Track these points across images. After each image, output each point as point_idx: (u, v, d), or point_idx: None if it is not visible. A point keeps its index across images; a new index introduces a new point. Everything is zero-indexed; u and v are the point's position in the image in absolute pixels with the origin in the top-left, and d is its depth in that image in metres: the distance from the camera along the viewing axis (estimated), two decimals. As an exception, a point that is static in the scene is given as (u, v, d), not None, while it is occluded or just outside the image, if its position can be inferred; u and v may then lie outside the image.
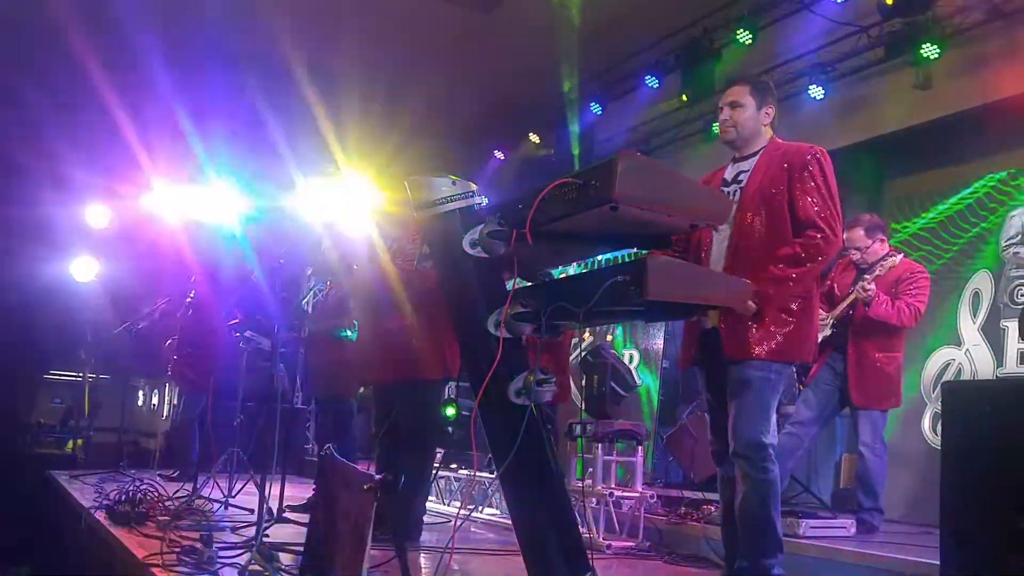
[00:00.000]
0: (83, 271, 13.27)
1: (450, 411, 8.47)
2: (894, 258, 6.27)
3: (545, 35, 10.55)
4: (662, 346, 9.55)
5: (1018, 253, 7.25)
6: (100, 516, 6.34)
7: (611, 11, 10.04)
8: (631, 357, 10.13)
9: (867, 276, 6.17)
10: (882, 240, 6.40)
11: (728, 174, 4.49)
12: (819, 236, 4.14)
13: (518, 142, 12.62)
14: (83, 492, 7.91)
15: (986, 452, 2.49)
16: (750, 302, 3.97)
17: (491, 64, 11.42)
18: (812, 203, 4.20)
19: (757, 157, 4.39)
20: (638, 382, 8.32)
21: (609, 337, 10.49)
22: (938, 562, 2.63)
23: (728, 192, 4.37)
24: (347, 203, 7.58)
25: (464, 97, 12.29)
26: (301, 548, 4.56)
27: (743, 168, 4.43)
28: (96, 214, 12.84)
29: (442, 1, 10.18)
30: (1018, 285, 7.17)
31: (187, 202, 10.89)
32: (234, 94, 11.29)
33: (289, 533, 5.41)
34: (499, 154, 12.96)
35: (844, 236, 6.30)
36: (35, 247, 14.02)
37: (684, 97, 10.07)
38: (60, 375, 16.62)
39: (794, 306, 4.17)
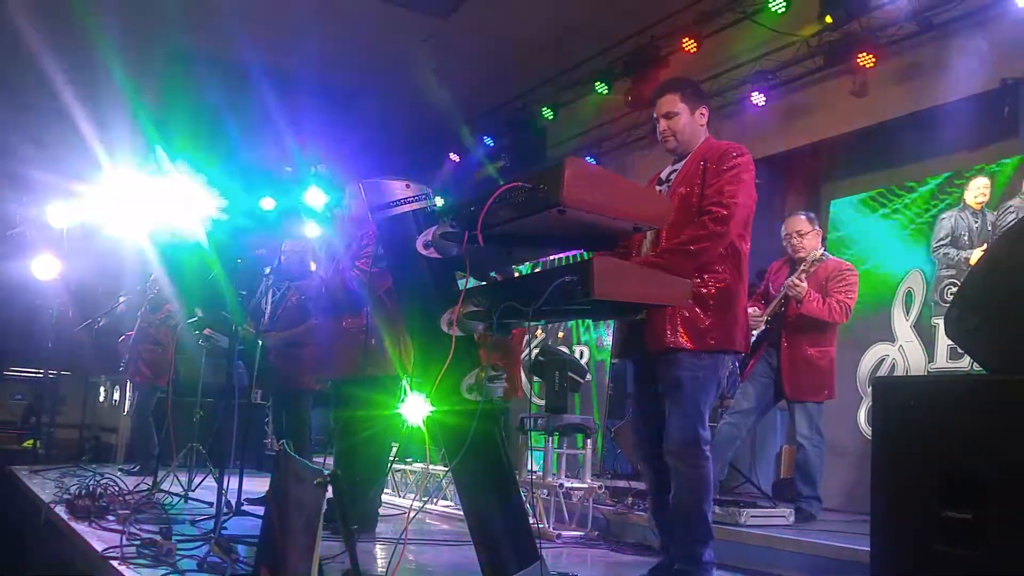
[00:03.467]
0: (44, 269, 13.09)
1: (409, 408, 8.47)
2: (818, 252, 6.36)
3: (501, 40, 10.58)
4: (611, 342, 9.59)
5: (948, 254, 7.37)
6: (60, 510, 6.27)
7: (562, 20, 10.08)
8: (582, 353, 10.18)
9: (796, 272, 6.26)
10: (818, 233, 6.50)
11: (663, 174, 4.51)
12: (703, 229, 4.06)
13: (474, 144, 12.62)
14: (43, 487, 7.82)
15: (913, 445, 2.54)
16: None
17: (448, 68, 11.41)
18: (711, 191, 4.18)
19: (688, 158, 4.42)
20: (587, 372, 8.37)
21: (561, 334, 10.54)
22: (870, 548, 2.68)
23: (660, 191, 4.38)
24: (306, 203, 7.57)
25: (421, 100, 12.28)
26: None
27: (675, 168, 4.44)
28: (57, 213, 12.69)
29: (400, 6, 10.15)
30: (948, 284, 7.28)
31: (147, 201, 10.81)
32: (194, 96, 11.21)
33: (247, 526, 5.38)
34: (454, 156, 12.96)
35: (785, 223, 6.45)
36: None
37: (630, 97, 10.12)
38: (21, 372, 16.41)
39: (711, 299, 4.15)
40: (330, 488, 2.82)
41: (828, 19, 7.93)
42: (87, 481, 6.73)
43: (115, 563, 4.37)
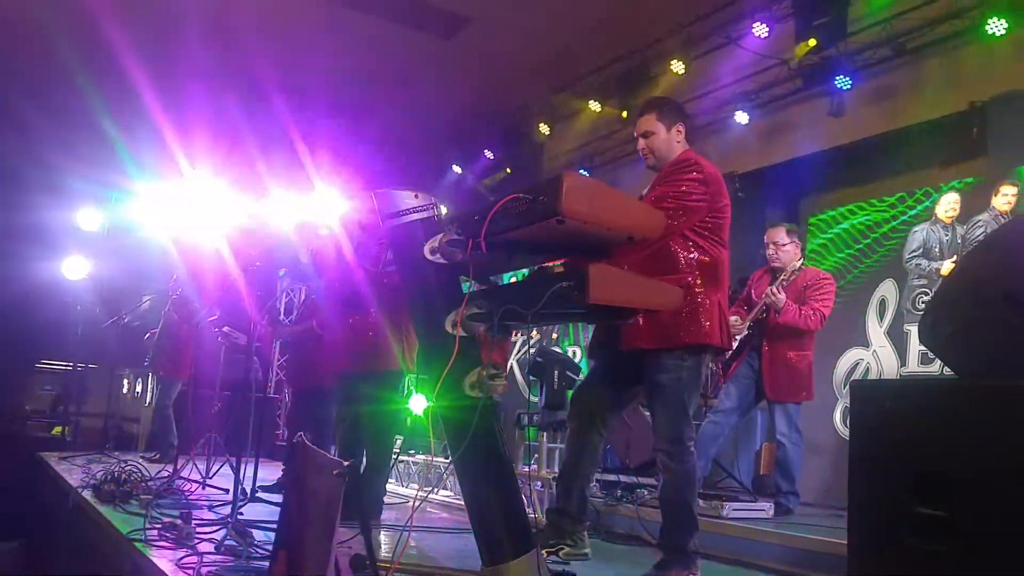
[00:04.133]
0: (74, 270, 13.11)
1: (415, 403, 8.48)
2: (796, 263, 6.38)
3: (501, 60, 10.58)
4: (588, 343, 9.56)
5: (920, 264, 7.36)
6: (87, 495, 6.26)
7: (558, 42, 10.09)
8: (574, 353, 10.16)
9: (775, 282, 6.27)
10: (797, 245, 6.49)
11: (645, 191, 4.51)
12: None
13: (474, 156, 12.59)
14: (71, 472, 7.81)
15: (888, 445, 2.53)
16: None
17: (450, 85, 11.42)
18: (654, 194, 4.19)
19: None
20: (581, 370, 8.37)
21: (555, 336, 10.53)
22: (845, 541, 2.67)
23: None
24: (318, 210, 7.54)
25: (424, 115, 12.29)
26: (273, 525, 4.55)
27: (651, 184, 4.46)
28: (87, 217, 12.71)
29: (407, 28, 10.14)
30: (919, 293, 7.27)
31: (170, 206, 10.82)
32: (214, 108, 11.21)
33: (262, 511, 5.37)
34: (457, 168, 12.93)
35: (767, 233, 6.46)
36: (30, 248, 13.86)
37: (624, 114, 10.10)
38: (51, 365, 16.43)
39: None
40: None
41: (813, 41, 7.92)
42: (112, 467, 6.72)
43: (138, 545, 4.37)
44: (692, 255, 4.18)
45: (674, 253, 4.18)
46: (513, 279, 5.42)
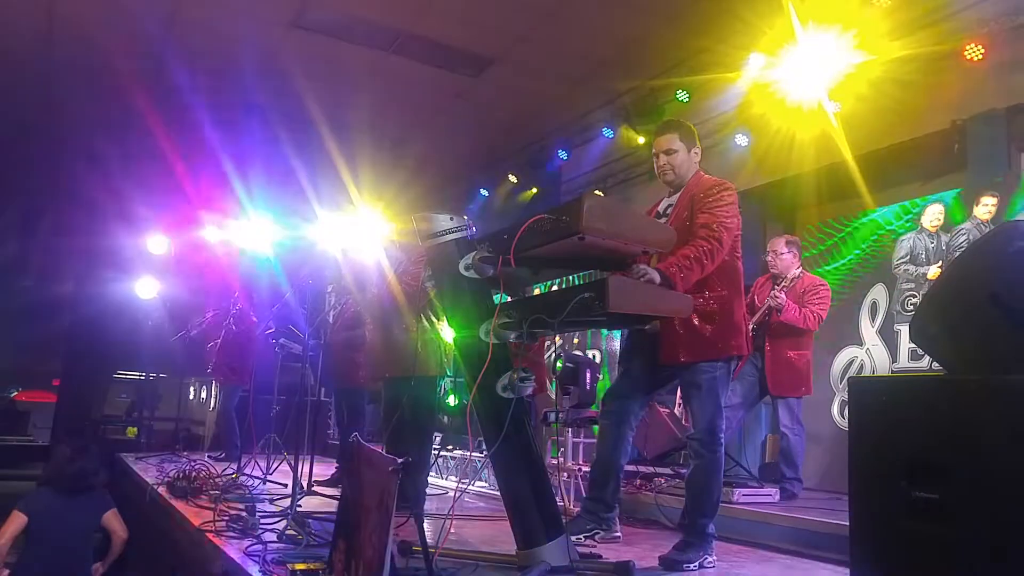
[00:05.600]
0: (146, 289, 13.25)
1: (452, 401, 8.52)
2: (796, 271, 6.38)
3: (522, 94, 10.61)
4: (619, 347, 9.54)
5: (907, 270, 7.28)
6: (162, 490, 6.32)
7: (574, 76, 10.10)
8: (594, 356, 10.14)
9: (777, 287, 6.27)
10: (795, 255, 6.48)
11: (661, 207, 4.45)
12: (705, 243, 3.98)
13: (500, 182, 12.59)
14: (146, 471, 7.87)
15: (885, 435, 2.52)
16: None
17: (478, 118, 11.45)
18: (703, 219, 4.12)
19: (681, 192, 4.37)
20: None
21: (576, 340, 10.51)
22: (845, 523, 2.65)
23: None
24: (361, 232, 7.56)
25: (456, 144, 12.34)
26: (329, 516, 4.56)
27: (671, 202, 4.38)
28: (156, 242, 12.86)
29: (438, 68, 10.19)
30: (908, 296, 7.20)
31: (229, 232, 10.91)
32: (268, 144, 11.32)
33: (318, 504, 5.39)
34: (484, 191, 12.94)
35: (769, 243, 6.45)
36: (107, 270, 14.04)
37: (641, 139, 10.08)
38: (126, 374, 16.58)
39: (715, 315, 4.10)
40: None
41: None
42: (182, 466, 6.76)
43: (210, 535, 4.40)
44: (723, 270, 4.16)
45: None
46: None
